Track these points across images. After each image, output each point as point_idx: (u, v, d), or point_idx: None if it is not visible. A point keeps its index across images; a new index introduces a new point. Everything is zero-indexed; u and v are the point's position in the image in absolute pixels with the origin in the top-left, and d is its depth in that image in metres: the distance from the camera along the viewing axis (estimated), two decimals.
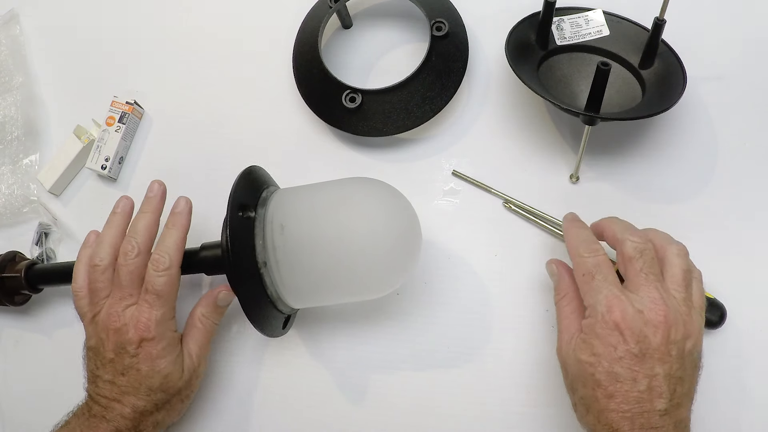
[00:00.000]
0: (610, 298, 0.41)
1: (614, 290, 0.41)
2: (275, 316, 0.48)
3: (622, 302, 0.40)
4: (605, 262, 0.44)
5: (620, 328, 0.40)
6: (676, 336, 0.40)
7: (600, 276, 0.42)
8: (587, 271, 0.43)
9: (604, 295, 0.41)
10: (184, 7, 0.69)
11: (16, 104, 0.66)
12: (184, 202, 0.50)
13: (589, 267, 0.43)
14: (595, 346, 0.40)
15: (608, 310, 0.40)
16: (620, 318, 0.40)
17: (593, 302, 0.42)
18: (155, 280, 0.46)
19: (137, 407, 0.46)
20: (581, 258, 0.44)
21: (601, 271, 0.43)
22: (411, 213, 0.47)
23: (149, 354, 0.46)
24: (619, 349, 0.40)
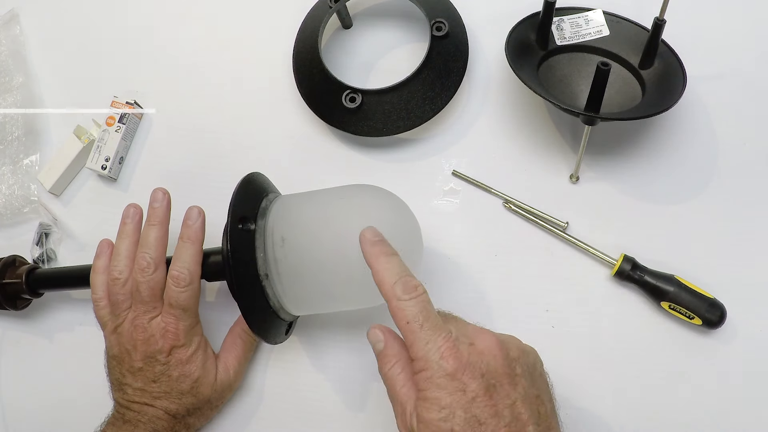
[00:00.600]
0: (441, 345, 0.36)
1: (442, 333, 0.37)
2: (277, 324, 0.48)
3: (455, 342, 0.37)
4: (427, 301, 0.39)
5: (461, 370, 0.36)
6: (514, 353, 0.38)
7: (428, 323, 0.37)
8: (412, 318, 0.38)
9: (435, 343, 0.37)
10: (184, 7, 0.69)
11: (17, 104, 0.66)
12: (197, 213, 0.49)
13: (415, 313, 0.38)
14: (441, 398, 0.36)
15: (442, 357, 0.36)
16: (457, 361, 0.36)
17: (424, 353, 0.37)
18: (178, 296, 0.47)
19: (170, 410, 0.48)
20: (401, 302, 0.38)
21: (428, 316, 0.38)
22: (412, 221, 0.47)
23: (180, 360, 0.48)
24: (469, 390, 0.36)
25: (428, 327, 0.37)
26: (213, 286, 0.58)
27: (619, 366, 0.51)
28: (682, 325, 0.52)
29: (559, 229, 0.55)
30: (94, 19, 0.71)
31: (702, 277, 0.52)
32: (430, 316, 0.38)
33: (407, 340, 0.38)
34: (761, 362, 0.51)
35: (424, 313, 0.38)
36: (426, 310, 0.38)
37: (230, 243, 0.43)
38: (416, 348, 0.37)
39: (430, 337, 0.37)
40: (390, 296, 0.39)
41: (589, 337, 0.52)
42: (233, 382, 0.52)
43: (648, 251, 0.53)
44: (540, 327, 0.53)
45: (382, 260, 0.40)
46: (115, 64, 0.68)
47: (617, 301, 0.53)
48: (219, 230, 0.47)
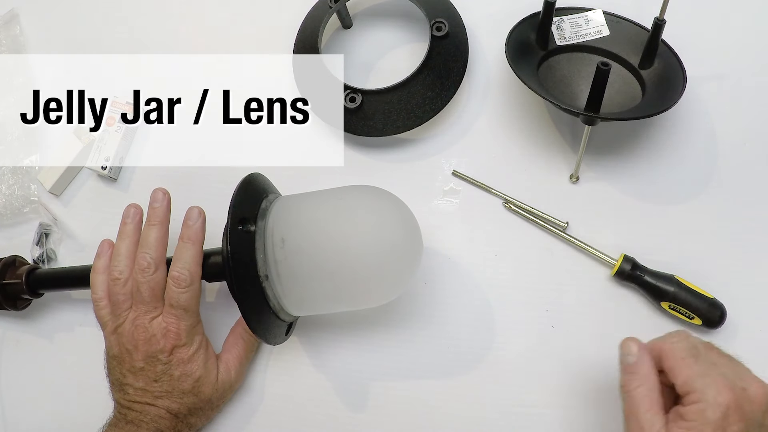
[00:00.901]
0: (717, 380, 0.38)
1: (717, 370, 0.38)
2: (278, 325, 0.48)
3: (729, 382, 0.38)
4: (698, 341, 0.41)
5: (732, 409, 0.37)
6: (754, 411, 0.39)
7: (701, 358, 0.39)
8: (687, 354, 0.39)
9: (712, 377, 0.38)
10: (184, 7, 0.69)
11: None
12: (197, 213, 0.49)
13: (689, 348, 0.40)
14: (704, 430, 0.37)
15: (719, 393, 0.37)
16: (732, 399, 0.37)
17: (701, 386, 0.38)
18: (179, 297, 0.47)
19: (171, 409, 0.48)
20: (674, 343, 0.40)
21: (700, 351, 0.40)
22: (412, 222, 0.47)
23: (181, 359, 0.48)
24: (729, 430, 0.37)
25: (703, 361, 0.39)
26: (213, 286, 0.58)
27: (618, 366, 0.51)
28: (682, 325, 0.52)
29: (559, 229, 0.55)
30: (94, 19, 0.71)
31: (702, 277, 0.52)
32: (701, 352, 0.40)
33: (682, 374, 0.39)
34: (761, 362, 0.50)
35: (695, 349, 0.40)
36: (697, 348, 0.40)
37: (230, 244, 0.43)
38: (692, 381, 0.38)
39: (707, 371, 0.38)
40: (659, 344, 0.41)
41: (589, 337, 0.52)
42: (234, 382, 0.52)
43: (648, 251, 0.53)
44: (540, 327, 0.53)
45: None
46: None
47: (617, 301, 0.53)
48: (219, 230, 0.47)
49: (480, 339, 0.53)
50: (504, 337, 0.53)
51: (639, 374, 0.40)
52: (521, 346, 0.53)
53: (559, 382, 0.52)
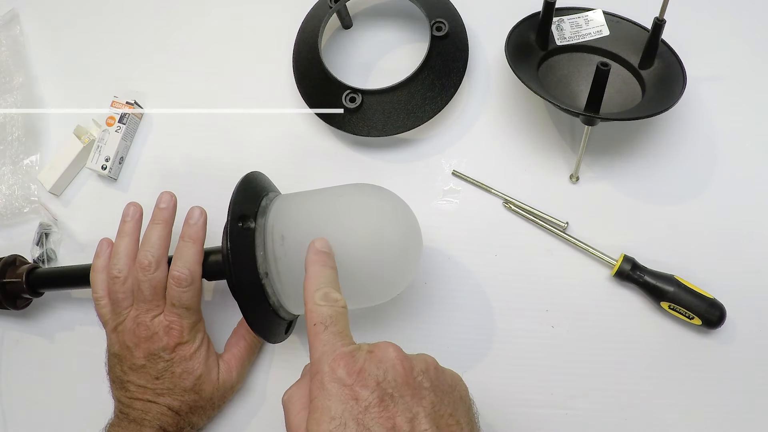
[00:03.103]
0: (337, 349, 0.35)
1: (343, 341, 0.36)
2: (278, 323, 0.48)
3: (350, 349, 0.35)
4: (341, 314, 0.38)
5: (353, 376, 0.34)
6: (420, 365, 0.36)
7: (333, 328, 0.36)
8: (321, 320, 0.37)
9: (332, 346, 0.35)
10: (184, 8, 0.69)
11: (17, 104, 0.66)
12: (199, 213, 0.50)
13: (324, 317, 0.37)
14: (331, 407, 0.33)
15: (334, 360, 0.34)
16: (350, 367, 0.34)
17: (319, 355, 0.35)
18: (180, 296, 0.47)
19: (173, 407, 0.48)
20: (316, 305, 0.38)
21: (336, 323, 0.37)
22: (412, 220, 0.47)
23: (183, 356, 0.48)
24: (361, 399, 0.33)
25: (331, 332, 0.36)
26: (213, 284, 0.58)
27: (618, 366, 0.51)
28: (682, 325, 0.52)
29: (559, 229, 0.55)
30: (94, 19, 0.71)
31: (702, 277, 0.52)
32: (338, 324, 0.37)
33: (310, 343, 0.37)
34: (761, 362, 0.51)
35: (332, 319, 0.37)
36: (335, 318, 0.37)
37: (230, 241, 0.43)
38: (313, 350, 0.36)
39: (329, 340, 0.36)
40: (308, 299, 0.38)
41: (588, 337, 0.52)
42: (235, 382, 0.52)
43: (648, 251, 0.53)
44: (540, 327, 0.53)
45: (317, 267, 0.40)
46: (115, 64, 0.68)
47: (617, 301, 0.53)
48: (219, 230, 0.47)
49: (480, 339, 0.53)
50: (504, 337, 0.53)
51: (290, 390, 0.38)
52: (521, 346, 0.53)
53: (558, 382, 0.52)
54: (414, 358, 0.37)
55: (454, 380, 0.38)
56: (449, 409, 0.36)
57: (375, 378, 0.34)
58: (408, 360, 0.36)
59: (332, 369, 0.34)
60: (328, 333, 0.36)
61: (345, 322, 0.38)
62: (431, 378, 0.36)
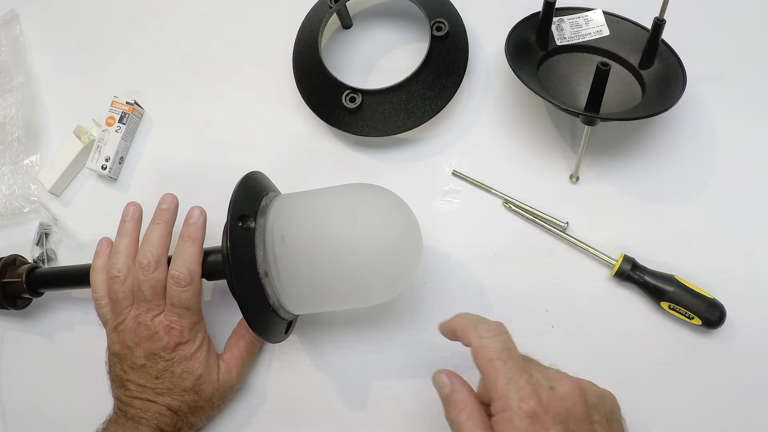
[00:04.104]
0: (522, 386, 0.36)
1: (524, 375, 0.37)
2: (277, 323, 0.48)
3: (535, 385, 0.36)
4: (511, 341, 0.39)
5: (540, 414, 0.35)
6: (593, 399, 0.38)
7: (511, 362, 0.37)
8: (496, 355, 0.37)
9: (516, 384, 0.36)
10: (184, 8, 0.69)
11: (17, 105, 0.66)
12: (199, 212, 0.50)
13: (498, 350, 0.38)
14: None
15: (523, 399, 0.35)
16: (537, 404, 0.35)
17: (505, 393, 0.36)
18: (180, 295, 0.47)
19: (172, 407, 0.48)
20: (483, 340, 0.38)
21: (510, 355, 0.38)
22: (412, 220, 0.47)
23: (183, 356, 0.48)
24: None
25: (511, 365, 0.37)
26: (213, 284, 0.58)
27: (618, 366, 0.51)
28: (682, 325, 0.52)
29: (559, 229, 0.55)
30: (94, 19, 0.71)
31: (702, 277, 0.52)
32: (513, 355, 0.38)
33: (489, 379, 0.37)
34: (761, 362, 0.51)
35: (506, 351, 0.38)
36: (509, 349, 0.38)
37: (230, 240, 0.43)
38: (498, 387, 0.36)
39: (513, 376, 0.36)
40: (472, 336, 0.39)
41: (588, 337, 0.52)
42: (235, 382, 0.52)
43: (648, 251, 0.53)
44: (540, 327, 0.53)
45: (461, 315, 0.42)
46: (115, 64, 0.68)
47: (617, 301, 0.53)
48: (219, 230, 0.47)
49: None
50: None
51: (456, 401, 0.39)
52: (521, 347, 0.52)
53: None
54: (586, 389, 0.38)
55: (614, 405, 0.40)
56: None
57: (559, 416, 0.36)
58: (583, 395, 0.37)
59: (520, 407, 0.35)
60: (509, 368, 0.37)
61: (515, 349, 0.39)
62: (600, 411, 0.38)
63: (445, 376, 0.40)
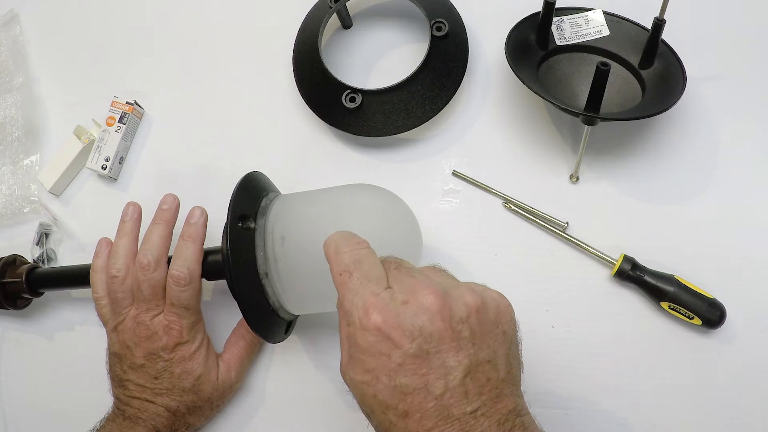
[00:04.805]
0: (367, 297, 0.33)
1: (372, 288, 0.33)
2: (277, 323, 0.48)
3: (381, 299, 0.32)
4: (368, 257, 0.35)
5: (385, 330, 0.32)
6: (461, 312, 0.32)
7: (359, 273, 0.34)
8: (345, 268, 0.35)
9: (361, 296, 0.33)
10: (184, 8, 0.69)
11: (17, 104, 0.66)
12: (200, 213, 0.50)
13: (347, 263, 0.35)
14: (365, 360, 0.32)
15: (365, 313, 0.32)
16: (381, 319, 0.32)
17: (350, 306, 0.33)
18: (179, 295, 0.47)
19: (170, 407, 0.48)
20: (339, 255, 0.36)
21: (360, 267, 0.34)
22: (412, 220, 0.47)
23: (183, 356, 0.48)
24: (394, 356, 0.31)
25: (359, 277, 0.34)
26: (212, 284, 0.58)
27: (618, 366, 0.51)
28: (682, 325, 0.52)
29: (559, 229, 0.55)
30: (94, 19, 0.71)
31: (702, 277, 0.52)
32: (364, 267, 0.34)
33: (339, 293, 0.34)
34: (761, 362, 0.51)
35: (356, 263, 0.34)
36: (359, 262, 0.34)
37: (230, 241, 0.43)
38: (344, 302, 0.34)
39: (359, 289, 0.33)
40: (332, 251, 0.36)
41: (589, 337, 0.52)
42: (235, 382, 0.52)
43: (648, 251, 0.53)
44: (540, 327, 0.53)
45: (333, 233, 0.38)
46: (115, 64, 0.68)
47: (617, 301, 0.53)
48: (219, 230, 0.47)
49: None
50: None
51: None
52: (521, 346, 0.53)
53: (558, 382, 0.52)
54: (454, 300, 0.33)
55: (498, 314, 0.34)
56: (488, 353, 0.33)
57: (411, 331, 0.31)
58: (447, 308, 0.32)
59: (361, 323, 0.32)
60: (355, 280, 0.34)
61: (371, 263, 0.35)
62: (472, 325, 0.32)
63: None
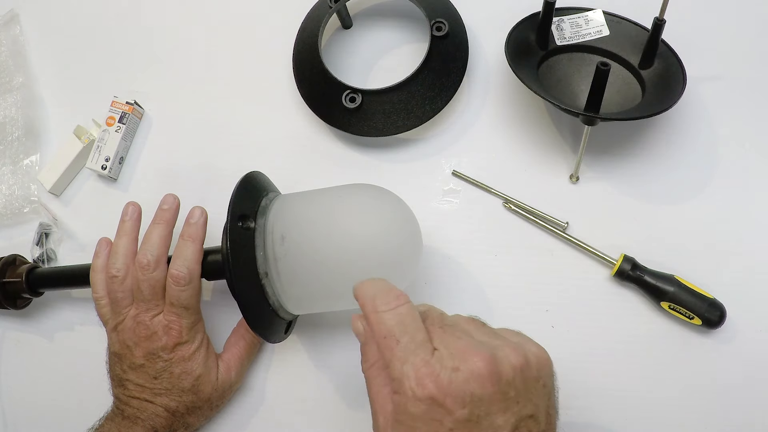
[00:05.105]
0: (418, 366, 0.33)
1: (421, 355, 0.33)
2: (277, 323, 0.48)
3: (432, 368, 0.33)
4: (409, 314, 0.35)
5: (438, 398, 0.32)
6: (508, 374, 0.33)
7: (406, 338, 0.34)
8: (389, 333, 0.34)
9: (411, 364, 0.33)
10: (184, 8, 0.69)
11: (17, 105, 0.66)
12: (200, 212, 0.50)
13: (391, 327, 0.34)
14: (416, 427, 0.32)
15: (419, 384, 0.32)
16: (435, 389, 0.32)
17: (399, 375, 0.33)
18: (179, 295, 0.47)
19: (169, 408, 0.48)
20: (378, 314, 0.35)
21: (405, 331, 0.34)
22: (412, 221, 0.47)
23: (182, 356, 0.48)
24: (446, 422, 0.32)
25: (407, 343, 0.34)
26: (212, 284, 0.58)
27: (618, 366, 0.51)
28: (682, 325, 0.52)
29: (559, 229, 0.55)
30: (95, 19, 0.71)
31: (702, 277, 0.52)
32: (409, 330, 0.34)
33: (384, 358, 0.35)
34: (761, 362, 0.51)
35: (400, 326, 0.34)
36: (404, 324, 0.34)
37: (230, 241, 0.43)
38: (392, 369, 0.34)
39: (409, 356, 0.33)
40: (369, 309, 0.36)
41: (589, 337, 0.52)
42: (234, 382, 0.52)
43: (648, 251, 0.53)
44: (540, 327, 0.53)
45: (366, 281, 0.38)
46: (115, 64, 0.68)
47: (617, 301, 0.53)
48: (219, 230, 0.47)
49: None
50: None
51: (368, 354, 0.37)
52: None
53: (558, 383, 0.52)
54: (501, 363, 0.33)
55: (539, 369, 0.35)
56: (531, 408, 0.34)
57: (462, 400, 0.32)
58: (496, 372, 0.33)
59: (414, 392, 0.32)
60: (402, 347, 0.34)
61: (415, 325, 0.35)
62: (517, 385, 0.33)
63: (360, 324, 0.38)
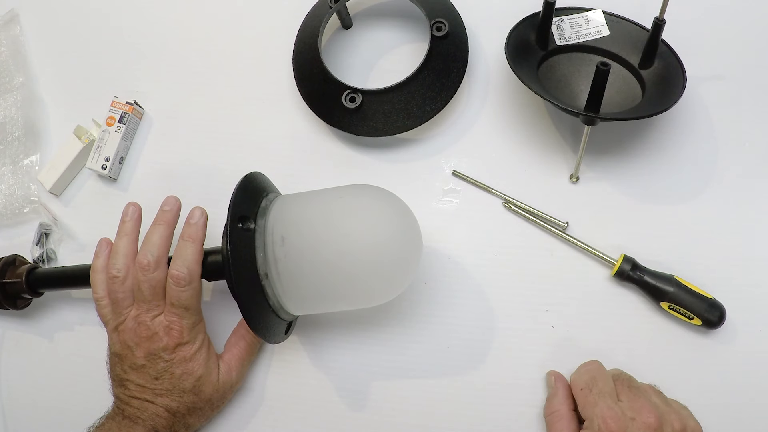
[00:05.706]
0: (604, 410, 0.43)
1: (608, 402, 0.44)
2: (277, 324, 0.48)
3: (615, 412, 0.43)
4: (600, 374, 0.47)
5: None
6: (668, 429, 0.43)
7: (596, 389, 0.45)
8: (585, 385, 0.46)
9: (600, 408, 0.44)
10: (184, 8, 0.69)
11: (17, 104, 0.66)
12: (200, 213, 0.50)
13: (586, 381, 0.46)
14: None
15: (604, 422, 0.43)
16: (616, 427, 0.42)
17: (590, 415, 0.44)
18: (179, 295, 0.47)
19: (170, 408, 0.48)
20: (576, 374, 0.48)
21: (596, 384, 0.46)
22: (412, 221, 0.47)
23: (183, 357, 0.48)
24: None
25: (597, 392, 0.45)
26: (212, 285, 0.58)
27: (618, 366, 0.51)
28: (682, 325, 0.52)
29: (559, 229, 0.55)
30: (95, 19, 0.71)
31: (702, 277, 0.52)
32: (599, 384, 0.46)
33: (579, 404, 0.46)
34: (761, 362, 0.51)
35: (592, 381, 0.46)
36: (595, 379, 0.46)
37: (230, 242, 0.43)
38: (585, 411, 0.45)
39: (598, 401, 0.44)
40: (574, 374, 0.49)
41: (589, 337, 0.52)
42: (235, 382, 0.52)
43: (648, 251, 0.53)
44: (540, 327, 0.53)
45: None
46: (115, 64, 0.68)
47: (617, 301, 0.53)
48: (219, 230, 0.47)
49: (480, 339, 0.53)
50: (504, 337, 0.53)
51: (553, 403, 0.48)
52: (521, 346, 0.53)
53: None
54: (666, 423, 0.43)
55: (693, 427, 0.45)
56: None
57: None
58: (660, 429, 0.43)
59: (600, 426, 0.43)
60: (594, 394, 0.45)
61: (605, 379, 0.46)
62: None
63: (554, 378, 0.50)
